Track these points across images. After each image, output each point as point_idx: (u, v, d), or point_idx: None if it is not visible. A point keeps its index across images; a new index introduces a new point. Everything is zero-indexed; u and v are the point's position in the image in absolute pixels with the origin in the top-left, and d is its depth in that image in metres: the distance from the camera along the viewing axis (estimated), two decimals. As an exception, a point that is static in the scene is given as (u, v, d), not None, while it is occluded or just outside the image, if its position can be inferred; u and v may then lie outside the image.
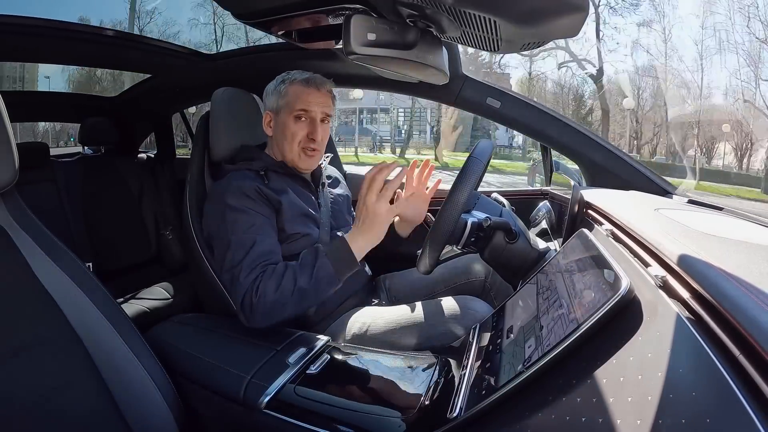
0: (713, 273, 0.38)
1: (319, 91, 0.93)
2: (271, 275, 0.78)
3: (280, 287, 0.76)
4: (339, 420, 0.59)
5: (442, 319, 0.85)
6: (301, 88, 0.93)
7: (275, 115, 0.95)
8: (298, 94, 0.92)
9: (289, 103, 0.92)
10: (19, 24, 1.10)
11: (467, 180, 0.78)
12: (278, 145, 0.95)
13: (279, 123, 0.94)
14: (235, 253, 0.81)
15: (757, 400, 0.26)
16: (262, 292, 0.76)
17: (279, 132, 0.94)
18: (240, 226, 0.83)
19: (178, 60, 1.43)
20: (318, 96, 0.93)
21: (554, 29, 0.54)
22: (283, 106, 0.93)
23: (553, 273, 0.62)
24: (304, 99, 0.92)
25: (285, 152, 0.94)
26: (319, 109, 0.93)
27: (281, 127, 0.94)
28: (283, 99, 0.93)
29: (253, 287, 0.77)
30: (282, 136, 0.94)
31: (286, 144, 0.93)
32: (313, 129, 0.93)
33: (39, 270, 0.62)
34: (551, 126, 1.19)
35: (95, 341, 0.63)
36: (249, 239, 0.81)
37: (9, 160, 0.61)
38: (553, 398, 0.40)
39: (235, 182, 0.87)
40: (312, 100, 0.92)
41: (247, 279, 0.78)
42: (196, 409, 0.71)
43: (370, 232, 0.78)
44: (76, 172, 1.72)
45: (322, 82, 0.94)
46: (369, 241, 0.79)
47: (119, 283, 1.56)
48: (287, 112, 0.93)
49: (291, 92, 0.93)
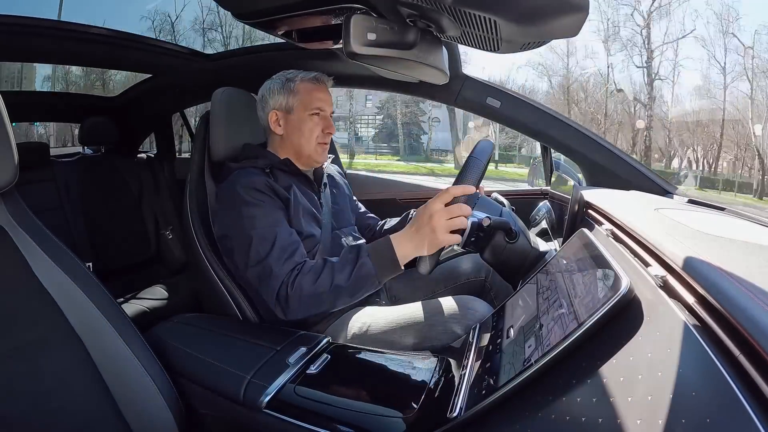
0: (714, 273, 0.38)
1: (326, 88, 0.97)
2: (309, 269, 0.78)
3: (317, 282, 0.76)
4: (339, 420, 0.59)
5: (442, 319, 0.84)
6: (312, 86, 0.95)
7: (286, 114, 0.96)
8: (311, 92, 0.95)
9: (303, 101, 0.94)
10: (19, 24, 1.10)
11: (468, 178, 0.78)
12: (292, 142, 0.96)
13: (293, 121, 0.95)
14: (260, 248, 0.80)
15: (757, 400, 0.26)
16: (298, 285, 0.76)
17: (294, 129, 0.95)
18: (259, 220, 0.83)
19: (178, 60, 1.43)
20: (326, 93, 0.97)
21: (554, 29, 0.54)
22: (296, 104, 0.94)
23: (553, 273, 0.62)
24: (318, 96, 0.95)
25: (302, 148, 0.96)
26: (329, 105, 0.97)
27: (297, 124, 0.95)
28: (295, 97, 0.94)
29: (289, 279, 0.77)
30: (299, 132, 0.95)
31: (303, 140, 0.95)
32: (328, 123, 0.96)
33: (39, 270, 0.62)
34: (551, 126, 1.19)
35: (95, 341, 0.63)
36: (270, 232, 0.82)
37: (9, 160, 0.61)
38: (553, 398, 0.40)
39: (244, 179, 0.88)
40: (323, 97, 0.96)
41: (281, 270, 0.78)
42: (196, 409, 0.71)
43: (421, 242, 0.74)
44: (76, 172, 1.72)
45: (327, 80, 0.98)
46: (417, 247, 0.75)
47: (119, 283, 1.56)
48: (302, 110, 0.94)
49: (303, 90, 0.94)
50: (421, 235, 0.74)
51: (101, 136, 1.84)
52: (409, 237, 0.76)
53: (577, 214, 0.87)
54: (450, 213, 0.73)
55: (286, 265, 0.79)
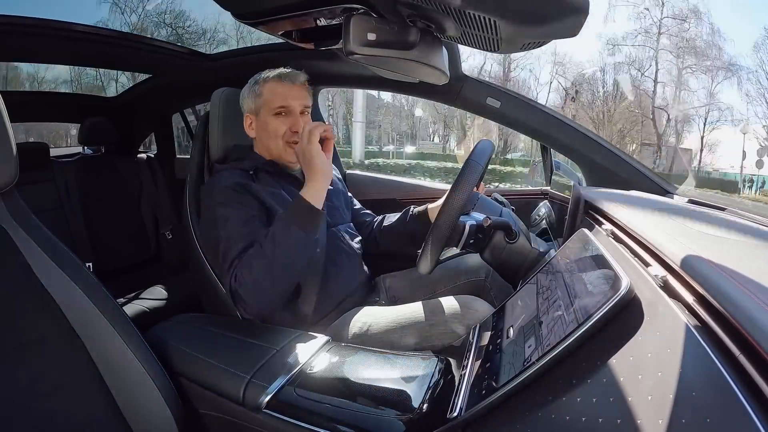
0: (714, 273, 0.38)
1: (294, 85, 0.94)
2: (245, 261, 0.78)
3: (253, 267, 0.77)
4: (339, 420, 0.59)
5: (442, 319, 0.84)
6: (275, 85, 0.93)
7: (255, 117, 0.96)
8: (274, 91, 0.93)
9: (267, 101, 0.93)
10: (19, 24, 1.10)
11: (467, 180, 0.78)
12: (263, 144, 0.96)
13: (260, 123, 0.95)
14: (225, 250, 0.81)
15: (757, 400, 0.26)
16: (240, 279, 0.77)
17: (262, 131, 0.95)
18: (229, 223, 0.83)
19: (178, 60, 1.43)
20: (294, 90, 0.94)
21: (554, 30, 0.54)
22: (261, 106, 0.94)
23: (553, 273, 0.62)
24: (281, 94, 0.93)
25: (271, 149, 0.95)
26: (297, 102, 0.94)
27: (263, 126, 0.94)
28: (259, 99, 0.94)
29: (233, 278, 0.78)
30: (265, 134, 0.95)
31: (270, 141, 0.94)
32: (294, 121, 0.94)
33: (39, 270, 0.62)
34: (551, 126, 1.20)
35: (95, 341, 0.63)
36: (237, 234, 0.82)
37: (9, 160, 0.61)
38: (553, 398, 0.40)
39: (223, 180, 0.88)
40: (289, 95, 0.93)
41: (228, 272, 0.79)
42: (196, 409, 0.71)
43: (309, 169, 0.81)
44: (76, 172, 1.72)
45: (296, 76, 0.95)
46: (317, 180, 0.81)
47: (119, 283, 1.56)
48: (266, 111, 0.94)
49: (266, 91, 0.93)
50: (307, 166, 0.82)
51: (101, 136, 1.84)
52: (306, 180, 0.82)
53: (577, 214, 0.87)
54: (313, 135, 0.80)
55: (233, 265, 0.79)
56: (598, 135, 1.23)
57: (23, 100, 1.95)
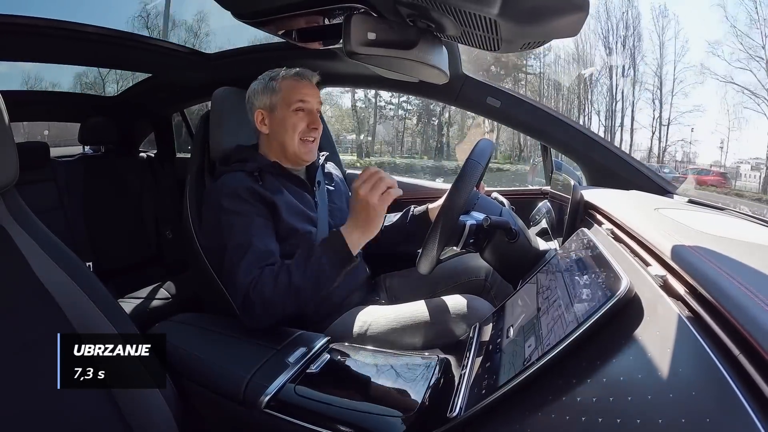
0: (713, 273, 0.38)
1: (311, 83, 0.96)
2: (267, 275, 0.78)
3: (276, 286, 0.76)
4: (339, 420, 0.59)
5: (442, 318, 0.84)
6: (294, 82, 0.94)
7: (270, 113, 0.95)
8: (292, 88, 0.94)
9: (285, 98, 0.94)
10: (19, 24, 1.10)
11: (467, 180, 0.78)
12: (277, 140, 0.96)
13: (276, 119, 0.95)
14: (232, 256, 0.81)
15: (757, 400, 0.26)
16: (259, 292, 0.76)
17: (278, 127, 0.95)
18: (236, 229, 0.83)
19: (178, 60, 1.43)
20: (311, 88, 0.96)
21: (554, 29, 0.54)
22: (279, 102, 0.94)
23: (553, 272, 0.62)
24: (300, 92, 0.94)
25: (286, 146, 0.95)
26: (314, 100, 0.95)
27: (280, 122, 0.94)
28: (276, 95, 0.94)
29: (250, 288, 0.77)
30: (282, 130, 0.94)
31: (287, 137, 0.94)
32: (313, 118, 0.95)
33: (39, 270, 0.62)
34: (551, 125, 1.19)
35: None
36: (245, 241, 0.81)
37: (9, 160, 0.61)
38: (553, 398, 0.40)
39: (228, 184, 0.88)
40: (306, 92, 0.94)
41: (244, 280, 0.78)
42: (196, 409, 0.71)
43: (364, 223, 0.77)
44: (76, 171, 1.72)
45: (312, 75, 0.97)
46: (364, 233, 0.78)
47: (119, 283, 1.57)
48: (284, 107, 0.94)
49: (284, 87, 0.94)
50: (363, 218, 0.76)
51: (101, 135, 1.84)
52: (353, 225, 0.78)
53: (577, 214, 0.87)
54: (377, 188, 0.75)
55: (250, 275, 0.78)
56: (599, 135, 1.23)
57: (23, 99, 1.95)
